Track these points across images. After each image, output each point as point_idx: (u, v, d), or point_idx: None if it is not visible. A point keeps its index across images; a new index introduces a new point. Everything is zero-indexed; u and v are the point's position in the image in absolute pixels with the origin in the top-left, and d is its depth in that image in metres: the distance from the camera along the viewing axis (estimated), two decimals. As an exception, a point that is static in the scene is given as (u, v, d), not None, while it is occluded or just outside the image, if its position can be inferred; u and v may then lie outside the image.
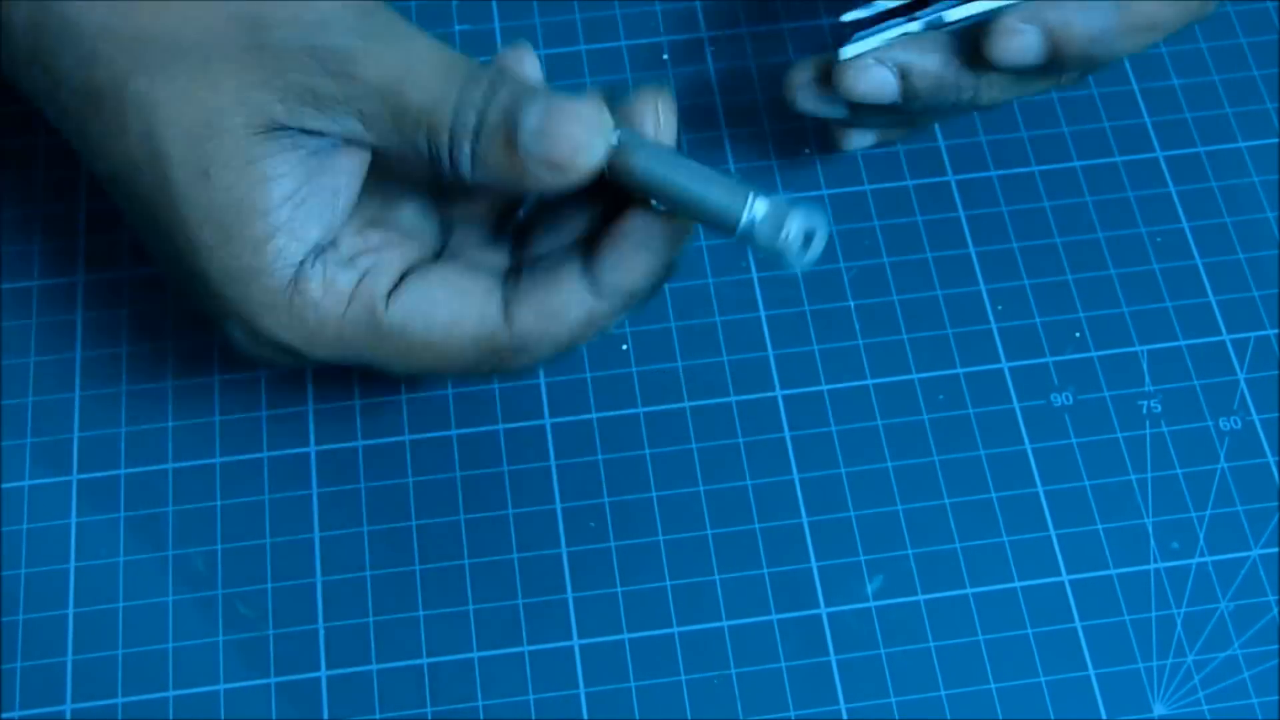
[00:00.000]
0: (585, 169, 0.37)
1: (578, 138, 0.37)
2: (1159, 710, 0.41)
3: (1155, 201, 0.49)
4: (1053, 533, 0.44)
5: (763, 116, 0.50)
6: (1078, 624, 0.42)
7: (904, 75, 0.42)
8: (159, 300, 0.47)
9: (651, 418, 0.45)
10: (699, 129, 0.50)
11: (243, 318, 0.38)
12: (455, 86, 0.37)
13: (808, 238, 0.36)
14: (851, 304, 0.47)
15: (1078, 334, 0.47)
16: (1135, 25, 0.42)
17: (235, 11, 0.37)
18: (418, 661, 0.42)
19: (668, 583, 0.43)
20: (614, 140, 0.37)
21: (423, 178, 0.40)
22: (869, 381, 0.46)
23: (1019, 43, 0.41)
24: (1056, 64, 0.42)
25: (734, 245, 0.48)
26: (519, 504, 0.44)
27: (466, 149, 0.37)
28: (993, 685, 0.42)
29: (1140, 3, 0.42)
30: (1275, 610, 0.43)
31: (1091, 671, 0.42)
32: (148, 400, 0.46)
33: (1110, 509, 0.44)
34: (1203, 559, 0.43)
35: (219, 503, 0.44)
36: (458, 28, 0.52)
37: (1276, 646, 0.42)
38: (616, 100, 0.38)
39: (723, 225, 0.37)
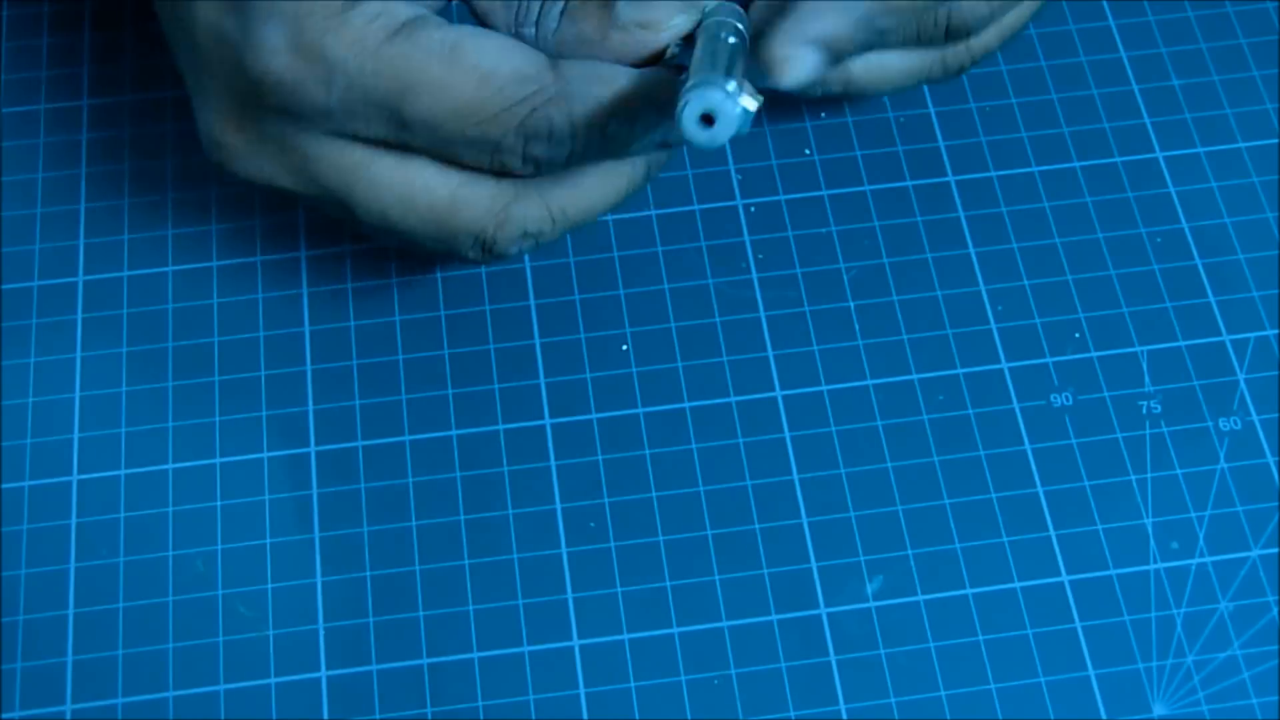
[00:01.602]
0: (679, 31, 0.39)
1: (674, 5, 0.39)
2: (1159, 710, 0.41)
3: (1155, 201, 0.49)
4: (1052, 533, 0.44)
5: (763, 116, 0.50)
6: (1078, 624, 0.42)
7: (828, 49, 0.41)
8: (159, 300, 0.47)
9: (651, 418, 0.45)
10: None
11: (291, 16, 0.38)
12: None
13: (705, 118, 0.35)
14: (851, 304, 0.47)
15: (1077, 334, 0.47)
16: (890, 6, 0.40)
17: None
18: (418, 661, 0.42)
19: (668, 583, 0.43)
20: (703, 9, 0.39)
21: None
22: (869, 382, 0.46)
23: (800, 66, 0.40)
24: (843, 58, 0.41)
25: (734, 246, 0.48)
26: (519, 504, 0.44)
27: (561, 1, 0.39)
28: (993, 685, 0.42)
29: None
30: (1275, 610, 0.43)
31: (1091, 672, 0.42)
32: (147, 400, 0.46)
33: (1110, 509, 0.44)
34: (1202, 559, 0.43)
35: (219, 503, 0.44)
36: (458, 28, 0.52)
37: (1276, 647, 0.42)
38: None
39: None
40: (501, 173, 0.40)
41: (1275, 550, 0.43)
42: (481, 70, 0.38)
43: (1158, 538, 0.44)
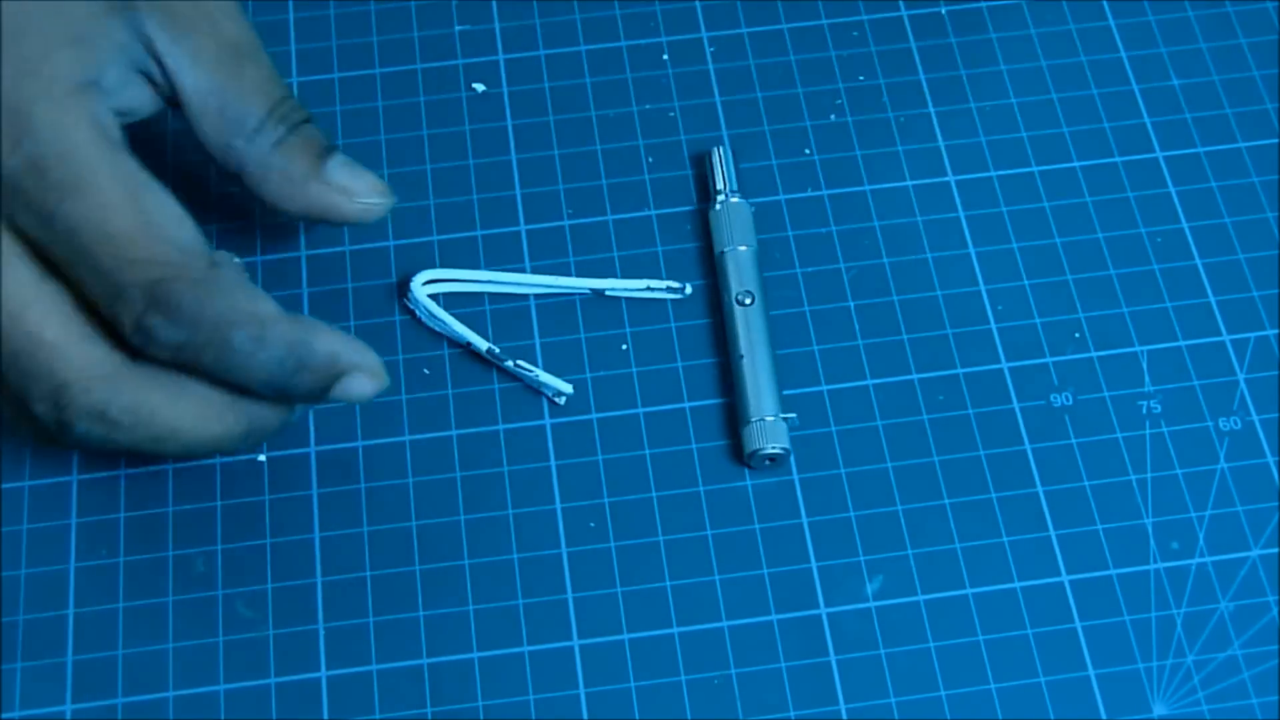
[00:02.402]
0: (370, 211, 0.43)
1: (377, 186, 0.43)
2: (1159, 710, 0.41)
3: (1155, 201, 0.49)
4: (1053, 533, 0.44)
5: (763, 116, 0.50)
6: (1078, 624, 0.42)
7: None
8: (159, 300, 0.47)
9: (651, 418, 0.45)
10: (699, 129, 0.50)
11: None
12: (282, 89, 0.42)
13: None
14: (851, 304, 0.47)
15: (1078, 334, 0.47)
16: None
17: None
18: (418, 661, 0.42)
19: (668, 583, 0.43)
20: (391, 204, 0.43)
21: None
22: (869, 381, 0.46)
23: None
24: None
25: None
26: (519, 504, 0.44)
27: (280, 131, 0.41)
28: (993, 685, 0.42)
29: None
30: (1275, 610, 0.43)
31: (1091, 671, 0.42)
32: (148, 400, 0.46)
33: (1110, 509, 0.44)
34: (1203, 559, 0.43)
35: (219, 503, 0.44)
36: (457, 28, 0.52)
37: (1276, 646, 0.42)
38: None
39: None
40: (113, 337, 0.38)
41: (1275, 550, 0.43)
42: (150, 216, 0.38)
43: (1158, 538, 0.44)
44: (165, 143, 0.50)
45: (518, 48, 0.52)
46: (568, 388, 0.45)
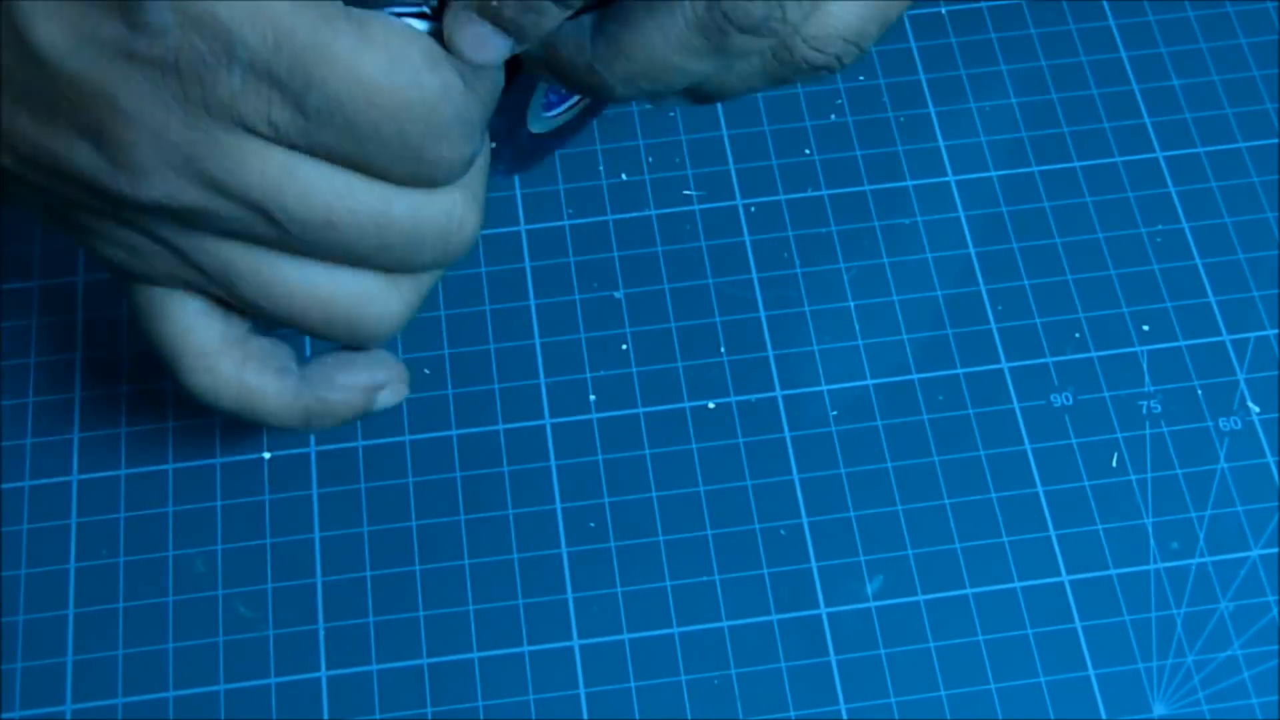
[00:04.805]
0: None
1: None
2: (1159, 710, 0.41)
3: (1155, 201, 0.49)
4: (1052, 533, 0.44)
5: (763, 116, 0.50)
6: (1078, 624, 0.42)
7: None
8: (159, 300, 0.47)
9: (651, 418, 0.45)
10: (699, 129, 0.50)
11: None
12: None
13: None
14: (851, 304, 0.47)
15: (1077, 334, 0.47)
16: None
17: None
18: (418, 661, 0.42)
19: (668, 583, 0.43)
20: None
21: None
22: (869, 382, 0.46)
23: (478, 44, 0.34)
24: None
25: (734, 246, 0.48)
26: (519, 504, 0.44)
27: None
28: (993, 685, 0.42)
29: None
30: (1275, 610, 0.43)
31: (1091, 672, 0.42)
32: (148, 400, 0.46)
33: (1110, 509, 0.44)
34: (1202, 559, 0.43)
35: (219, 503, 0.44)
36: (458, 28, 0.52)
37: (1276, 646, 0.42)
38: None
39: None
40: None
41: (1275, 550, 0.43)
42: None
43: (1158, 538, 0.44)
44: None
45: (518, 48, 0.52)
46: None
